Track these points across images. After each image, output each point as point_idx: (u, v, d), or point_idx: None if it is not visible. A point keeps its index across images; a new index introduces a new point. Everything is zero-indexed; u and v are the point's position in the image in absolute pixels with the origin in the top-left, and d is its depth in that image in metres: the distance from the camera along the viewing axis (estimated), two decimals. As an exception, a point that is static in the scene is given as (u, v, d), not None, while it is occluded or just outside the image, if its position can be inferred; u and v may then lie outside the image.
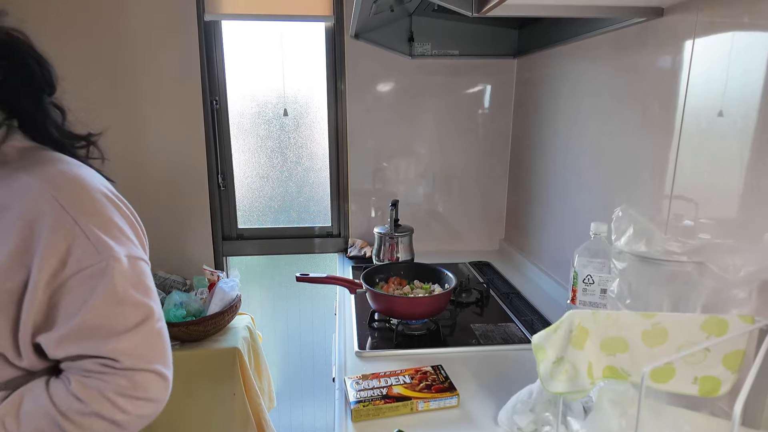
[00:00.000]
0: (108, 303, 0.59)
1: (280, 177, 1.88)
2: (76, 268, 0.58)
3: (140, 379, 0.61)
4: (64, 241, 0.57)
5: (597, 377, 0.70)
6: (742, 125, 0.76)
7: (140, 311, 0.62)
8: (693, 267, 0.70)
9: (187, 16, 1.62)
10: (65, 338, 0.59)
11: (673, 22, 0.92)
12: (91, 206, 0.60)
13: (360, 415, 0.86)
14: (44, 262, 0.56)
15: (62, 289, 0.58)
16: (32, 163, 0.61)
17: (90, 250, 0.59)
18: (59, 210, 0.58)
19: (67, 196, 0.59)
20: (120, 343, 0.60)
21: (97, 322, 0.59)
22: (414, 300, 1.17)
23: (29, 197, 0.57)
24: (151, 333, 0.63)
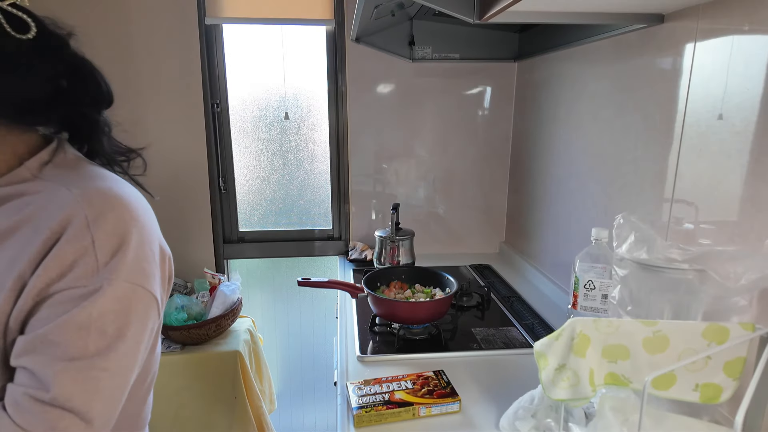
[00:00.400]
0: (81, 324, 0.54)
1: (281, 180, 1.89)
2: (69, 285, 0.55)
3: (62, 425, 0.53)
4: (72, 255, 0.55)
5: (598, 384, 0.70)
6: (741, 128, 0.76)
7: (104, 344, 0.55)
8: (694, 275, 0.71)
9: (188, 20, 1.62)
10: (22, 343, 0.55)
11: (674, 28, 0.92)
12: (114, 230, 0.58)
13: (362, 420, 0.86)
14: (45, 270, 0.55)
15: (47, 300, 0.55)
16: (77, 177, 0.61)
17: (92, 270, 0.56)
18: (83, 228, 0.56)
19: (95, 212, 0.57)
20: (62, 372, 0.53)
21: (58, 338, 0.54)
22: (415, 304, 1.17)
23: (63, 209, 0.56)
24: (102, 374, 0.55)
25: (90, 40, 1.67)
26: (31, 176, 0.60)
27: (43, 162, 0.61)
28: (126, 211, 0.59)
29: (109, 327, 0.55)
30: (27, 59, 0.57)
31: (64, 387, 0.53)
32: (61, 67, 0.60)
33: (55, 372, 0.53)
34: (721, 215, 0.81)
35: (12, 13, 0.56)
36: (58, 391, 0.52)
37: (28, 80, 0.58)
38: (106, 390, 0.56)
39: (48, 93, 0.59)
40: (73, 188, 0.58)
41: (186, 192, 1.76)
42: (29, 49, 0.57)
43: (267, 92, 1.80)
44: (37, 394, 0.52)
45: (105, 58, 1.66)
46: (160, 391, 1.48)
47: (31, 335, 0.54)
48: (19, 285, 0.55)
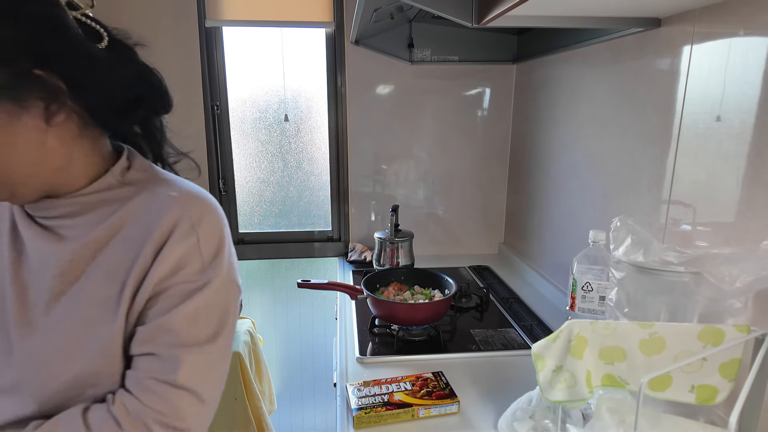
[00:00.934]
0: (191, 315, 0.61)
1: (280, 181, 1.89)
2: (181, 280, 0.61)
3: (183, 404, 0.59)
4: (182, 254, 0.61)
5: (595, 386, 0.71)
6: (739, 129, 0.77)
7: (211, 332, 0.63)
8: (690, 277, 0.71)
9: (188, 22, 1.63)
10: (143, 332, 0.61)
11: (671, 32, 0.93)
12: (213, 231, 0.64)
13: (362, 422, 0.87)
14: (160, 267, 0.60)
15: (163, 293, 0.61)
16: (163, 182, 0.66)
17: (199, 267, 0.62)
18: (189, 228, 0.62)
19: (197, 214, 0.63)
20: (184, 355, 0.60)
21: (175, 327, 0.61)
22: (415, 306, 1.18)
23: (167, 211, 0.62)
24: (210, 359, 0.63)
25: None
26: (117, 182, 0.65)
27: (125, 168, 0.66)
28: (216, 213, 0.66)
29: (213, 317, 0.63)
30: (105, 67, 0.60)
31: (186, 370, 0.59)
32: (135, 73, 0.64)
33: (176, 356, 0.60)
34: (718, 217, 0.82)
35: (85, 23, 0.59)
36: (181, 373, 0.59)
37: (113, 83, 0.61)
38: (214, 372, 0.63)
39: (130, 96, 0.63)
40: (171, 192, 0.64)
41: (186, 194, 1.76)
42: (104, 57, 0.60)
43: (267, 94, 1.81)
44: (162, 376, 0.59)
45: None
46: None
47: (151, 325, 0.60)
48: (138, 279, 0.60)
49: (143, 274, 0.60)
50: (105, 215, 0.63)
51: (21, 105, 0.54)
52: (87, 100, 0.60)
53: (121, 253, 0.61)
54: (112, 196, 0.64)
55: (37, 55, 0.54)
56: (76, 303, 0.61)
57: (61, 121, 0.58)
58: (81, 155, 0.62)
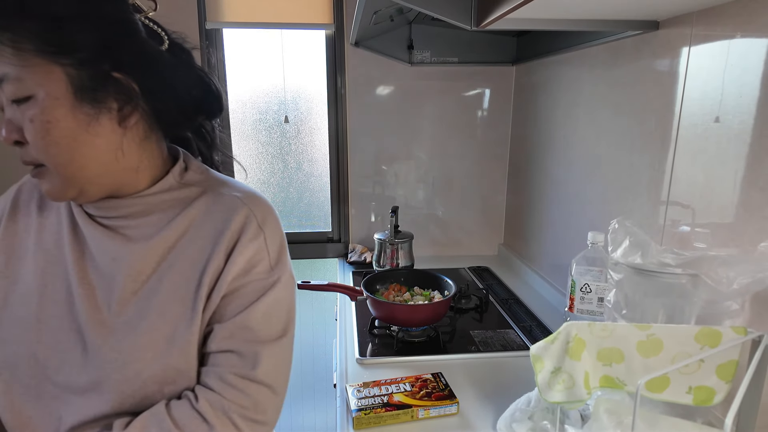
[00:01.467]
0: (265, 312, 0.64)
1: (280, 183, 1.90)
2: (254, 278, 0.64)
3: (262, 398, 0.62)
4: (253, 253, 0.63)
5: (593, 387, 0.71)
6: (738, 131, 0.77)
7: (282, 328, 0.66)
8: (687, 279, 0.72)
9: (188, 24, 1.63)
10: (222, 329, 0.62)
11: (669, 34, 0.93)
12: (275, 229, 0.67)
13: (361, 423, 0.87)
14: (234, 266, 0.62)
15: (237, 291, 0.63)
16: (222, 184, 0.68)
17: (267, 266, 0.65)
18: (257, 228, 0.64)
19: (262, 215, 0.66)
20: (261, 351, 0.63)
21: (251, 324, 0.63)
22: (414, 307, 1.18)
23: (235, 212, 0.64)
24: (283, 353, 0.66)
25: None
26: (177, 184, 0.66)
27: (182, 169, 0.67)
28: (275, 213, 0.69)
29: (283, 312, 0.66)
30: (168, 69, 0.62)
31: (265, 365, 0.62)
32: (192, 79, 0.65)
33: (256, 352, 0.62)
34: (716, 219, 0.82)
35: (149, 26, 0.61)
36: (261, 369, 0.62)
37: (178, 86, 0.63)
38: (286, 366, 0.67)
39: (193, 99, 0.65)
40: (235, 192, 0.66)
41: (186, 195, 1.77)
42: (166, 60, 0.61)
43: (267, 96, 1.81)
44: (243, 372, 0.61)
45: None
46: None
47: (229, 323, 0.62)
48: (213, 278, 0.62)
49: (218, 273, 0.62)
50: (170, 215, 0.64)
51: (99, 106, 0.56)
52: (155, 104, 0.61)
53: (194, 252, 0.63)
54: (174, 197, 0.65)
55: (115, 57, 0.56)
56: (151, 302, 0.62)
57: (133, 124, 0.60)
58: (148, 157, 0.63)
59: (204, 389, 0.61)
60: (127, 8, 0.58)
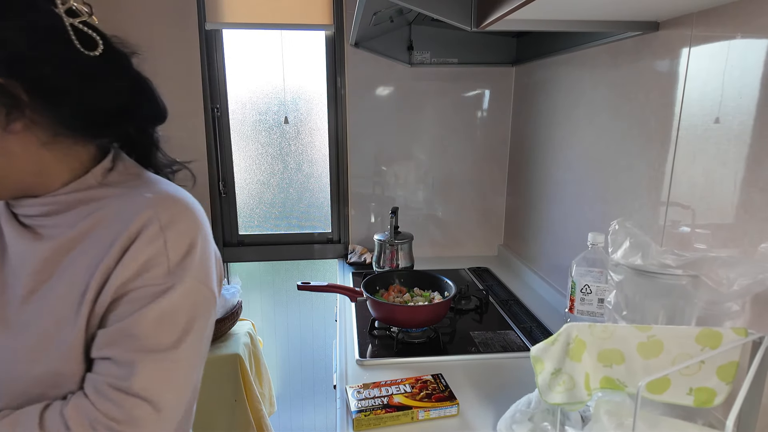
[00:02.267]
0: (155, 319, 0.59)
1: (280, 183, 1.90)
2: (145, 283, 0.59)
3: (138, 414, 0.57)
4: (147, 256, 0.59)
5: (594, 388, 0.71)
6: (738, 131, 0.77)
7: (174, 339, 0.60)
8: (688, 280, 0.72)
9: (188, 25, 1.63)
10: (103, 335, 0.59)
11: (669, 35, 0.94)
12: (183, 233, 0.62)
13: (361, 424, 0.87)
14: (124, 269, 0.59)
15: (126, 296, 0.60)
16: (143, 184, 0.65)
17: (164, 270, 0.60)
18: (157, 230, 0.60)
19: (168, 217, 0.61)
20: (141, 362, 0.58)
21: (136, 331, 0.59)
22: (414, 308, 1.18)
23: (138, 213, 0.61)
24: (174, 366, 0.60)
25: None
26: (97, 183, 0.64)
27: (106, 169, 0.65)
28: (193, 216, 0.64)
29: (179, 321, 0.60)
30: (96, 74, 0.60)
31: (142, 377, 0.57)
32: (126, 83, 0.64)
33: (134, 362, 0.57)
34: (716, 220, 0.82)
35: (82, 31, 0.59)
36: (137, 380, 0.57)
37: (98, 94, 0.61)
38: (176, 381, 0.61)
39: (114, 107, 0.63)
40: (146, 193, 0.63)
41: (186, 196, 1.77)
42: (98, 64, 0.60)
43: (267, 96, 1.81)
44: (118, 383, 0.57)
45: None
46: (161, 394, 1.49)
47: (112, 328, 0.58)
48: (101, 281, 0.59)
49: (106, 276, 0.59)
50: (82, 215, 0.62)
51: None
52: (58, 110, 0.59)
53: (90, 254, 0.60)
54: (90, 196, 0.63)
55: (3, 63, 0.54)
56: (46, 302, 0.60)
57: (21, 130, 0.57)
58: (52, 161, 0.61)
59: (80, 396, 0.58)
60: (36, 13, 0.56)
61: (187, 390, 0.63)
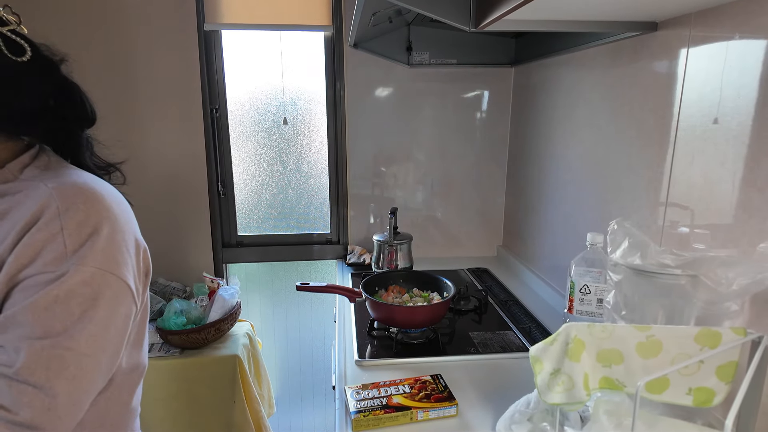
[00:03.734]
0: (44, 305, 0.57)
1: (279, 184, 1.90)
2: (39, 270, 0.58)
3: (26, 400, 0.55)
4: (41, 243, 0.58)
5: (593, 388, 0.71)
6: (737, 132, 0.77)
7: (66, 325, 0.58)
8: (687, 280, 0.72)
9: (187, 26, 1.63)
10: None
11: (667, 36, 0.94)
12: (87, 218, 0.61)
13: (360, 425, 0.87)
14: (17, 257, 0.58)
15: (18, 285, 0.58)
16: (54, 175, 0.65)
17: (60, 257, 0.58)
18: (54, 215, 0.59)
19: (66, 203, 0.60)
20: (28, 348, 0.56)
21: (23, 319, 0.57)
22: (413, 309, 1.18)
23: (38, 201, 0.60)
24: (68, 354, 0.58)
25: (90, 47, 1.71)
26: (13, 177, 0.66)
27: (24, 165, 0.67)
28: (98, 203, 0.62)
29: (75, 309, 0.58)
30: (21, 78, 0.64)
31: (28, 363, 0.55)
32: (50, 87, 0.67)
33: (19, 349, 0.56)
34: (715, 220, 0.82)
35: (11, 38, 0.63)
36: (21, 366, 0.55)
37: (19, 96, 0.64)
38: (72, 368, 0.58)
39: (36, 108, 0.66)
40: (49, 183, 0.62)
41: (185, 196, 1.77)
42: (24, 69, 0.64)
43: (266, 97, 1.81)
44: (4, 370, 0.56)
45: (105, 65, 1.67)
46: (159, 395, 1.49)
47: (2, 317, 0.57)
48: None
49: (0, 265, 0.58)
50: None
51: None
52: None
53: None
54: (5, 190, 0.64)
55: None
56: None
57: None
58: None
59: None
60: None
61: (89, 381, 0.60)
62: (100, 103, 0.78)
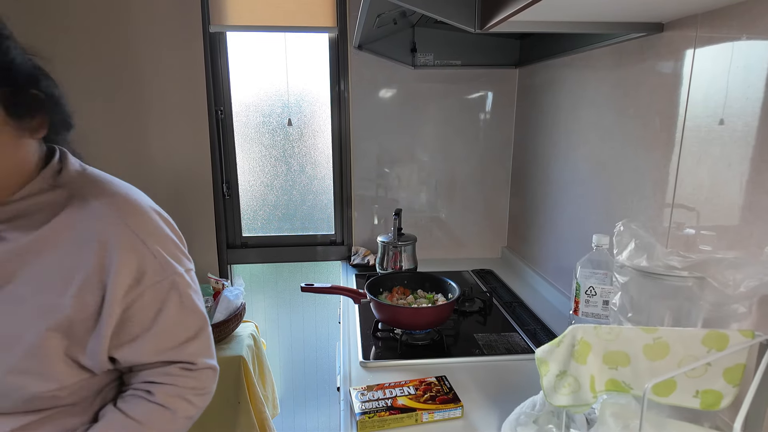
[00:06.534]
0: (178, 314, 0.70)
1: (284, 185, 1.90)
2: (148, 285, 0.67)
3: (204, 377, 0.73)
4: (135, 261, 0.66)
5: (599, 390, 0.71)
6: (743, 133, 0.77)
7: (200, 317, 0.73)
8: (694, 282, 0.71)
9: (192, 28, 1.64)
10: (149, 347, 0.69)
11: (673, 36, 0.93)
12: (153, 227, 0.70)
13: (365, 426, 0.87)
14: (119, 279, 0.64)
15: (135, 303, 0.66)
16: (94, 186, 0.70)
17: (157, 268, 0.68)
18: (129, 232, 0.66)
19: (132, 219, 0.67)
20: (192, 347, 0.71)
21: (172, 331, 0.70)
22: (418, 310, 1.18)
23: (101, 221, 0.66)
24: (207, 334, 0.74)
25: (95, 48, 1.73)
26: (49, 186, 0.67)
27: (56, 171, 0.68)
28: (148, 211, 0.71)
29: (194, 299, 0.73)
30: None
31: (199, 352, 0.73)
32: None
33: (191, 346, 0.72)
34: (722, 221, 0.82)
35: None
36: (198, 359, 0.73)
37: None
38: (211, 339, 0.76)
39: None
40: (101, 198, 0.68)
41: (190, 197, 1.77)
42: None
43: (270, 98, 1.82)
44: (186, 366, 0.72)
45: (110, 65, 1.68)
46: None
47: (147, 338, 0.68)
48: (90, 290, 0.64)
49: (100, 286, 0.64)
50: (39, 221, 0.65)
51: None
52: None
53: (55, 263, 0.63)
54: (44, 201, 0.66)
55: None
56: (4, 306, 0.62)
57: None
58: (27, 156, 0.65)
59: (155, 384, 0.70)
60: None
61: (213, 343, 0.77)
62: (105, 105, 0.79)
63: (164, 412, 0.69)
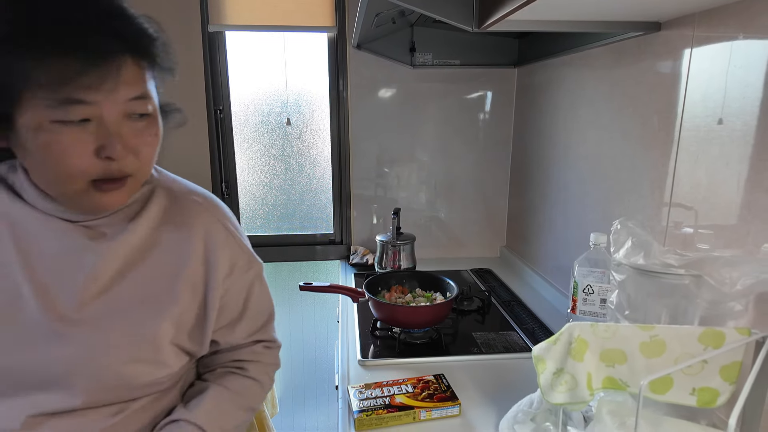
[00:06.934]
0: (263, 298, 0.82)
1: (283, 185, 1.90)
2: (238, 274, 0.75)
3: (277, 353, 0.87)
4: (229, 254, 0.74)
5: (596, 388, 0.71)
6: (742, 132, 0.77)
7: (271, 300, 0.85)
8: (691, 280, 0.72)
9: (191, 27, 1.64)
10: (242, 329, 0.79)
11: (670, 35, 0.93)
12: (236, 222, 0.79)
13: (363, 424, 0.87)
14: (219, 271, 0.72)
15: (229, 292, 0.75)
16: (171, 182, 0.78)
17: (245, 258, 0.77)
18: (222, 228, 0.74)
19: (221, 215, 0.76)
20: (270, 328, 0.84)
21: (258, 314, 0.81)
22: (416, 309, 1.18)
23: (198, 215, 0.74)
24: (274, 315, 0.87)
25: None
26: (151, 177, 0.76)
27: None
28: (227, 208, 0.80)
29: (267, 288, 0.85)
30: None
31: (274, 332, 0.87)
32: None
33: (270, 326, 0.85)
34: (719, 220, 0.82)
35: None
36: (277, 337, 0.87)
37: None
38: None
39: None
40: (188, 195, 0.76)
41: (189, 197, 1.77)
42: None
43: (269, 98, 1.82)
44: (269, 344, 0.85)
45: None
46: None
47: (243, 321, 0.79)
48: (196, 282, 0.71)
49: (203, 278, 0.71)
50: (130, 213, 0.69)
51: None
52: None
53: (160, 256, 0.69)
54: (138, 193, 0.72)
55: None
56: (118, 299, 0.65)
57: None
58: None
59: (245, 362, 0.80)
60: None
61: None
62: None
63: (255, 385, 0.79)
